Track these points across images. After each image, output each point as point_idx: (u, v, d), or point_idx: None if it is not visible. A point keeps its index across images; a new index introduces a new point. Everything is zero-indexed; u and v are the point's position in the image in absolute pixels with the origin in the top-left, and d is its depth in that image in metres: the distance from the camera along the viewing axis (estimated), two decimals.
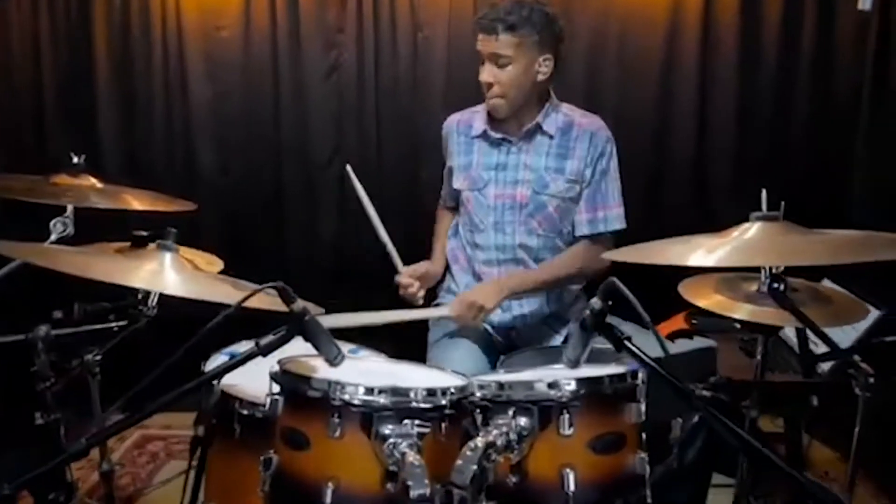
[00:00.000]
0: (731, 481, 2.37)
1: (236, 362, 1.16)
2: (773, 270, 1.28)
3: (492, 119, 2.14)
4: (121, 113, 3.01)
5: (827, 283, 1.99)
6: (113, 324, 1.73)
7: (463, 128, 2.20)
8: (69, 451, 1.04)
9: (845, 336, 1.97)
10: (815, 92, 2.87)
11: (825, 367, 1.85)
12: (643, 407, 1.24)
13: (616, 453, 1.21)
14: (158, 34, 2.93)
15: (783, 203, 1.50)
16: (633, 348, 1.11)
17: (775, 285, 1.24)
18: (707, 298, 1.64)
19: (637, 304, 1.04)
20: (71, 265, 1.14)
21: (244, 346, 1.76)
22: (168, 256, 1.29)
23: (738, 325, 2.26)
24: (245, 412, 1.52)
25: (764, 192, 1.35)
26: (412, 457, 1.09)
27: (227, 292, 1.26)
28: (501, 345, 2.16)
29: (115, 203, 1.54)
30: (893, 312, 1.84)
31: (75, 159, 1.58)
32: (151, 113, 3.00)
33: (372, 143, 3.01)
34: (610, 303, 1.10)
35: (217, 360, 1.72)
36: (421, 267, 2.20)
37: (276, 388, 1.29)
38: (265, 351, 1.15)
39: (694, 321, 2.40)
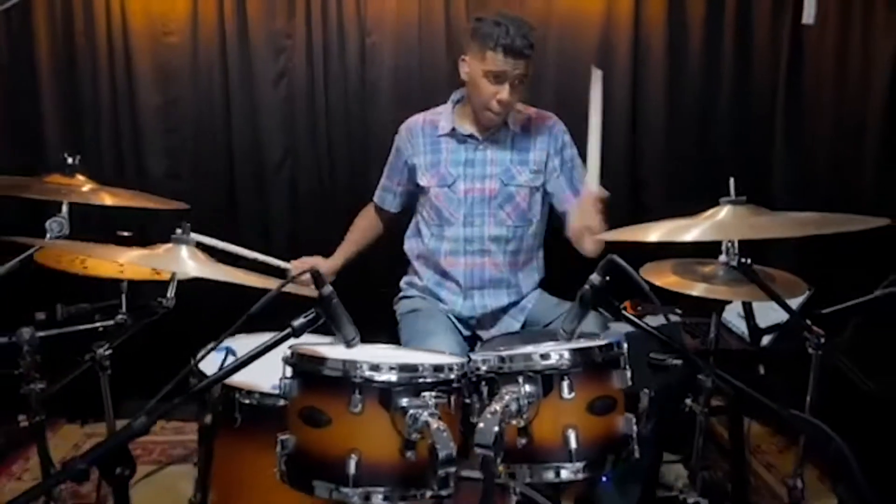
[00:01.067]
0: (677, 457, 2.61)
1: (269, 346, 1.22)
2: (737, 248, 1.44)
3: (458, 117, 2.26)
4: (66, 120, 2.96)
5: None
6: (98, 324, 1.75)
7: (428, 128, 2.31)
8: (133, 426, 1.09)
9: (777, 314, 2.21)
10: (736, 95, 3.11)
11: (765, 341, 2.06)
12: (628, 373, 1.38)
13: (609, 414, 1.35)
14: (103, 39, 2.90)
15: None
16: (633, 318, 1.25)
17: (743, 259, 1.40)
18: (665, 279, 1.82)
19: (636, 275, 1.18)
20: (111, 256, 1.18)
21: (235, 342, 1.84)
22: (184, 248, 1.35)
23: (679, 311, 2.47)
24: (247, 401, 1.59)
25: (732, 180, 1.51)
26: (436, 423, 1.19)
27: (251, 278, 1.32)
28: (467, 334, 2.30)
29: (112, 202, 1.57)
30: (820, 290, 2.04)
31: (70, 160, 1.60)
32: (98, 119, 2.96)
33: (323, 145, 3.08)
34: (608, 278, 1.24)
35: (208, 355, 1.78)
36: (310, 260, 2.31)
37: (290, 371, 1.36)
38: (298, 332, 1.23)
39: (639, 307, 2.60)
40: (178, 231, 1.36)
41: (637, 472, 2.12)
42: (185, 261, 1.34)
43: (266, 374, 1.64)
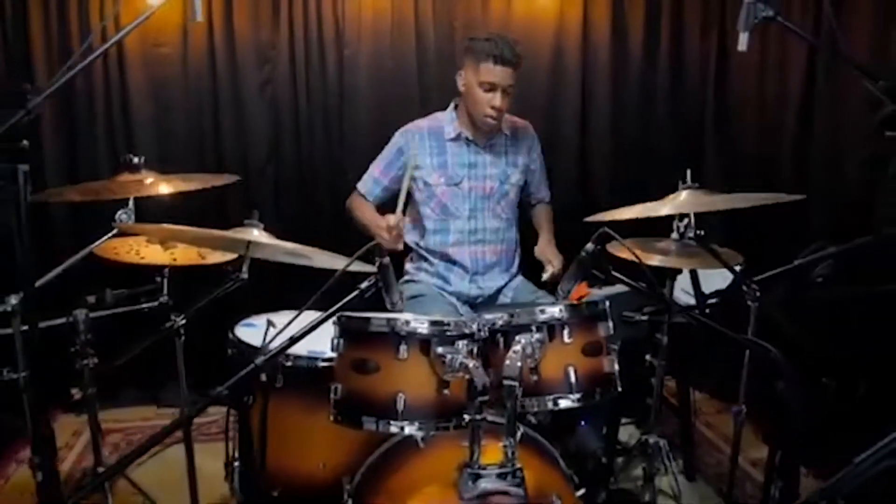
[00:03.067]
0: (630, 420, 2.99)
1: (340, 307, 1.50)
2: (690, 222, 1.79)
3: (462, 125, 2.58)
4: (62, 130, 3.14)
5: None
6: (144, 305, 1.99)
7: (435, 133, 2.61)
8: (257, 361, 1.35)
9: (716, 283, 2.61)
10: (672, 99, 3.54)
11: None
12: (610, 324, 1.72)
13: (597, 356, 1.69)
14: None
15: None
16: (622, 277, 1.60)
17: (699, 231, 1.76)
18: (626, 253, 2.17)
19: (626, 244, 1.52)
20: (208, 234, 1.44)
21: (262, 318, 2.11)
22: (256, 231, 1.64)
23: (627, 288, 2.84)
24: (288, 364, 1.87)
25: (689, 172, 1.87)
26: (472, 362, 1.50)
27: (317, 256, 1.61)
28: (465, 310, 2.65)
29: (176, 187, 1.82)
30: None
31: (135, 160, 1.84)
32: (94, 126, 3.15)
33: (305, 149, 3.35)
34: (599, 247, 1.58)
35: (240, 331, 2.05)
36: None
37: (338, 331, 1.64)
38: (365, 293, 1.51)
39: (592, 289, 2.97)
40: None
41: (604, 417, 2.47)
42: (260, 238, 1.62)
43: (302, 342, 1.92)
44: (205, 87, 3.21)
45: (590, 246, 1.62)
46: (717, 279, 2.50)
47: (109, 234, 1.78)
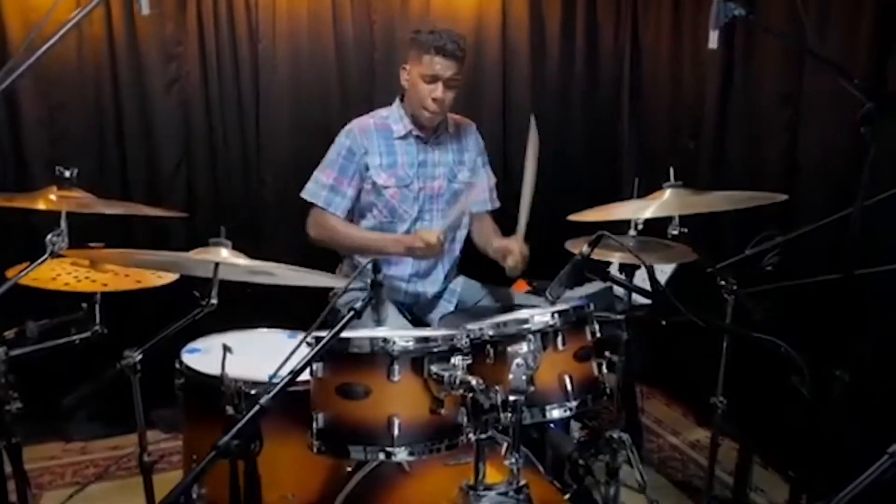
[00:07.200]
0: None
1: (342, 326, 1.35)
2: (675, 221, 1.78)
3: (412, 122, 2.45)
4: None
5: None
6: (75, 337, 1.77)
7: (382, 131, 2.46)
8: (261, 402, 1.19)
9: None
10: (587, 92, 3.60)
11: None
12: (596, 327, 1.68)
13: (587, 361, 1.64)
14: None
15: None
16: (618, 277, 1.55)
17: (683, 229, 1.75)
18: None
19: (628, 247, 1.48)
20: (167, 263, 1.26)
21: (207, 341, 1.93)
22: (225, 251, 1.46)
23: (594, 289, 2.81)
24: (253, 391, 1.68)
25: (672, 170, 1.85)
26: (474, 380, 1.41)
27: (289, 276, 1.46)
28: (410, 318, 2.50)
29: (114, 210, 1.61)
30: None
31: (66, 173, 1.60)
32: None
33: (219, 149, 3.13)
34: (594, 249, 1.53)
35: (186, 356, 1.86)
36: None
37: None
38: (359, 314, 1.39)
39: (533, 284, 2.95)
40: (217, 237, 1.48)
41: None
42: (231, 259, 1.45)
43: (261, 366, 1.76)
44: (104, 86, 2.94)
45: (585, 248, 1.57)
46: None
47: (44, 258, 1.53)
